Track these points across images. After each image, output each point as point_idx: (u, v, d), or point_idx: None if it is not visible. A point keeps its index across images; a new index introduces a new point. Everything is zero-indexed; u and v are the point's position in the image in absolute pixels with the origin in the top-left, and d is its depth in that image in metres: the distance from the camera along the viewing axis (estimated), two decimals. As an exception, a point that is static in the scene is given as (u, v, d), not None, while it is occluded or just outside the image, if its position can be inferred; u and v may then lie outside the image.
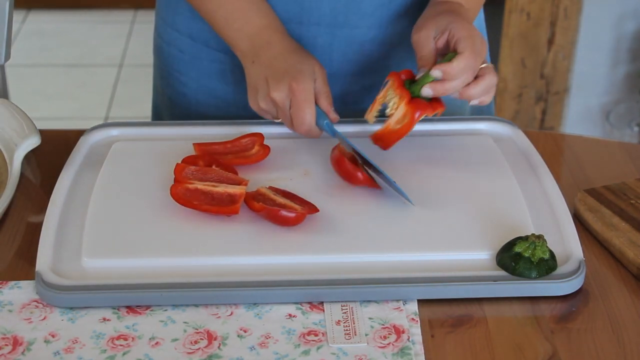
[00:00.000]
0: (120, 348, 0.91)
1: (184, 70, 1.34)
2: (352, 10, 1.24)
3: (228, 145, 1.19)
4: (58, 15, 3.98)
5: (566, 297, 0.99)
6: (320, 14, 1.24)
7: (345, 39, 1.26)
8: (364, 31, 1.26)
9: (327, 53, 1.27)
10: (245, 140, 1.19)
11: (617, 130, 2.87)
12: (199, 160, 1.13)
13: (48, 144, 1.22)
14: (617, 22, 2.76)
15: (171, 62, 1.35)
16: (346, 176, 1.12)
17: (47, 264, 0.99)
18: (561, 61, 2.78)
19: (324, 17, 1.24)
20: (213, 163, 1.13)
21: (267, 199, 1.07)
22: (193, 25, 1.30)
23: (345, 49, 1.27)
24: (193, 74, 1.33)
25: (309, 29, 1.25)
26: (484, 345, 0.93)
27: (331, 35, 1.26)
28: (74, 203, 1.10)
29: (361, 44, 1.27)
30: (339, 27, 1.25)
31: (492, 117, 1.29)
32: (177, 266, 0.99)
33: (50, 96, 3.40)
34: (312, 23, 1.25)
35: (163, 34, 1.36)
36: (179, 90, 1.36)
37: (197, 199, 1.06)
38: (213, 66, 1.32)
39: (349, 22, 1.25)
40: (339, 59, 1.28)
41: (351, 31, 1.26)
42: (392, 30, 1.27)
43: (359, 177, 1.10)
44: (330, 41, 1.26)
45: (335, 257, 1.01)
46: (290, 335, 0.93)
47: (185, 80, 1.35)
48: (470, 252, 1.02)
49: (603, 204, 1.10)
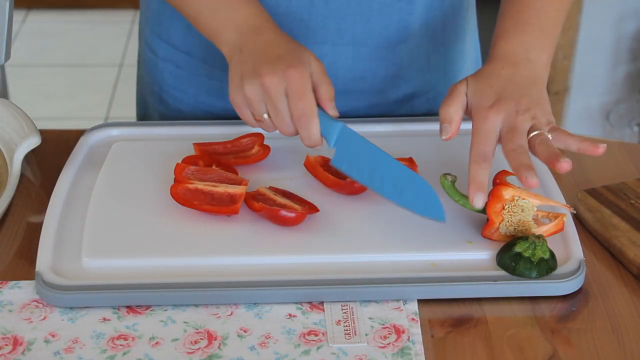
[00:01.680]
0: (120, 348, 0.91)
1: (181, 87, 1.31)
2: (358, 28, 1.22)
3: (228, 145, 1.19)
4: (58, 15, 3.98)
5: (566, 297, 0.99)
6: (326, 32, 1.22)
7: (352, 57, 1.25)
8: (371, 50, 1.24)
9: (332, 71, 1.20)
10: (246, 140, 1.19)
11: (617, 130, 2.87)
12: (199, 160, 1.13)
13: (48, 144, 1.22)
14: (617, 22, 2.76)
15: (166, 78, 1.32)
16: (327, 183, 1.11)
17: (47, 264, 0.99)
18: (561, 61, 2.78)
19: (330, 36, 1.22)
20: (213, 163, 1.13)
21: (267, 199, 1.07)
22: (190, 40, 1.28)
23: (352, 66, 1.25)
24: (190, 91, 1.31)
25: (314, 47, 1.20)
26: (484, 345, 0.93)
27: (337, 53, 1.24)
28: (74, 203, 1.10)
29: (368, 62, 1.26)
30: (345, 45, 1.23)
31: (492, 117, 1.29)
32: (177, 266, 0.99)
33: (50, 96, 3.41)
34: (318, 42, 1.22)
35: (156, 49, 1.32)
36: (173, 107, 1.33)
37: (198, 199, 1.06)
38: (211, 83, 1.29)
39: (356, 40, 1.23)
40: (345, 76, 1.26)
41: (358, 49, 1.24)
42: (401, 50, 1.26)
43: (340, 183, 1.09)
44: (336, 59, 1.24)
45: (335, 257, 1.01)
46: (290, 335, 0.93)
47: (182, 97, 1.32)
48: (470, 252, 1.02)
49: (603, 204, 1.10)
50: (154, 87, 1.35)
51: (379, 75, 1.27)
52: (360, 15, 1.21)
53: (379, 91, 1.29)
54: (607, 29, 2.77)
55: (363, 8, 1.21)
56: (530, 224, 1.02)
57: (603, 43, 2.79)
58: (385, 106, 1.31)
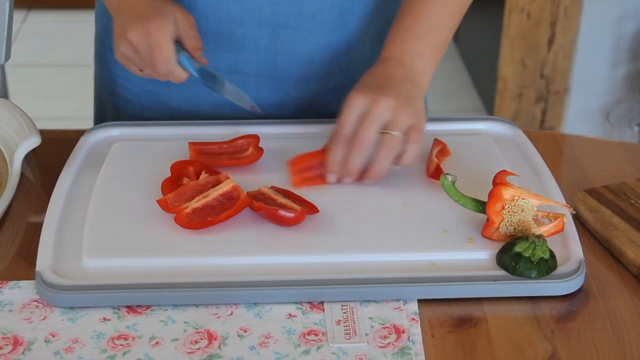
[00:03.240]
0: (120, 348, 0.91)
1: (127, 76, 1.33)
2: (293, 11, 1.23)
3: (224, 145, 1.19)
4: (58, 15, 3.98)
5: (566, 297, 0.99)
6: (261, 14, 1.23)
7: (288, 42, 1.26)
8: (307, 34, 1.25)
9: (270, 55, 1.26)
10: (241, 142, 1.19)
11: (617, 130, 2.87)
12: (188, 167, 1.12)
13: (48, 144, 1.22)
14: (617, 22, 2.76)
15: (114, 69, 1.34)
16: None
17: (47, 263, 0.99)
18: (561, 61, 2.78)
19: (265, 18, 1.24)
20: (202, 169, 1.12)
21: (268, 199, 1.07)
22: None
23: (289, 51, 1.26)
24: (136, 79, 1.32)
25: (251, 29, 1.24)
26: (484, 345, 0.93)
27: (274, 37, 1.25)
28: (74, 203, 1.10)
29: (305, 48, 1.26)
30: (281, 29, 1.24)
31: (492, 117, 1.29)
32: (177, 266, 0.99)
33: (50, 96, 3.41)
34: (254, 24, 1.24)
35: (106, 41, 1.34)
36: (123, 96, 1.35)
37: (205, 214, 1.05)
38: None
39: (290, 23, 1.24)
40: (283, 62, 1.27)
41: (294, 33, 1.25)
42: (337, 36, 1.27)
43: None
44: (274, 43, 1.25)
45: (335, 257, 1.01)
46: (290, 335, 0.93)
47: (129, 86, 1.34)
48: (470, 252, 1.02)
49: (603, 204, 1.10)
50: (106, 79, 1.37)
51: (317, 62, 1.28)
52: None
53: (318, 78, 1.30)
54: (607, 29, 2.77)
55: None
56: (530, 224, 1.02)
57: (603, 43, 2.79)
58: (326, 95, 1.31)
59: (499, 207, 1.01)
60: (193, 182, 1.09)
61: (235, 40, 1.25)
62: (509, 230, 1.02)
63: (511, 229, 1.02)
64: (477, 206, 1.04)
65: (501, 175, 1.03)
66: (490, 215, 1.02)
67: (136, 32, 1.12)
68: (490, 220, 1.02)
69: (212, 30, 1.25)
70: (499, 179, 1.03)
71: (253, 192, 1.08)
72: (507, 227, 1.02)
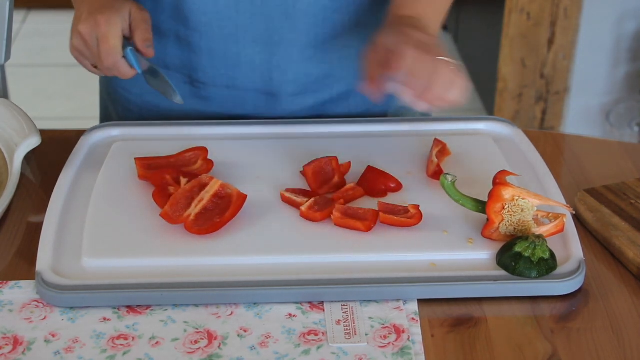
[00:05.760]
0: (120, 348, 0.91)
1: (128, 87, 1.34)
2: (286, 28, 1.23)
3: (171, 159, 1.17)
4: (58, 15, 3.98)
5: (566, 297, 0.99)
6: (255, 32, 1.23)
7: (283, 58, 1.25)
8: (301, 50, 1.25)
9: (266, 71, 1.26)
10: (189, 154, 1.17)
11: (617, 130, 2.87)
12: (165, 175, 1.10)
13: (48, 144, 1.22)
14: (617, 22, 2.76)
15: (116, 79, 1.34)
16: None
17: (47, 263, 0.99)
18: (561, 61, 2.78)
19: (259, 36, 1.24)
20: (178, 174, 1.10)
21: (328, 202, 1.07)
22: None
23: (284, 67, 1.26)
24: (136, 91, 1.33)
25: (246, 47, 1.24)
26: (484, 345, 0.93)
27: (269, 53, 1.25)
28: (74, 203, 1.10)
29: (299, 63, 1.26)
30: (275, 46, 1.24)
31: (492, 117, 1.29)
32: (177, 266, 0.99)
33: (50, 96, 3.41)
34: (249, 41, 1.24)
35: None
36: (125, 106, 1.36)
37: (208, 216, 1.05)
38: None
39: (284, 40, 1.24)
40: (278, 78, 1.27)
41: (288, 49, 1.25)
42: (330, 49, 1.26)
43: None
44: (269, 59, 1.25)
45: (335, 257, 1.01)
46: (290, 334, 0.93)
47: (129, 97, 1.34)
48: (470, 252, 1.02)
49: (603, 204, 1.10)
50: (108, 87, 1.38)
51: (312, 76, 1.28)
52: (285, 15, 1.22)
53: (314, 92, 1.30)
54: (607, 29, 2.77)
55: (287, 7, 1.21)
56: (530, 224, 1.02)
57: (603, 43, 2.79)
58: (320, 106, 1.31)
59: (499, 207, 1.01)
60: (180, 189, 1.07)
61: (230, 57, 1.25)
62: (509, 230, 1.02)
63: (511, 229, 1.02)
64: (477, 206, 1.04)
65: (501, 175, 1.03)
66: (490, 215, 1.02)
67: (87, 25, 1.13)
68: (490, 220, 1.02)
69: (207, 47, 1.25)
70: (499, 179, 1.03)
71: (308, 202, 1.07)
72: (507, 227, 1.02)
